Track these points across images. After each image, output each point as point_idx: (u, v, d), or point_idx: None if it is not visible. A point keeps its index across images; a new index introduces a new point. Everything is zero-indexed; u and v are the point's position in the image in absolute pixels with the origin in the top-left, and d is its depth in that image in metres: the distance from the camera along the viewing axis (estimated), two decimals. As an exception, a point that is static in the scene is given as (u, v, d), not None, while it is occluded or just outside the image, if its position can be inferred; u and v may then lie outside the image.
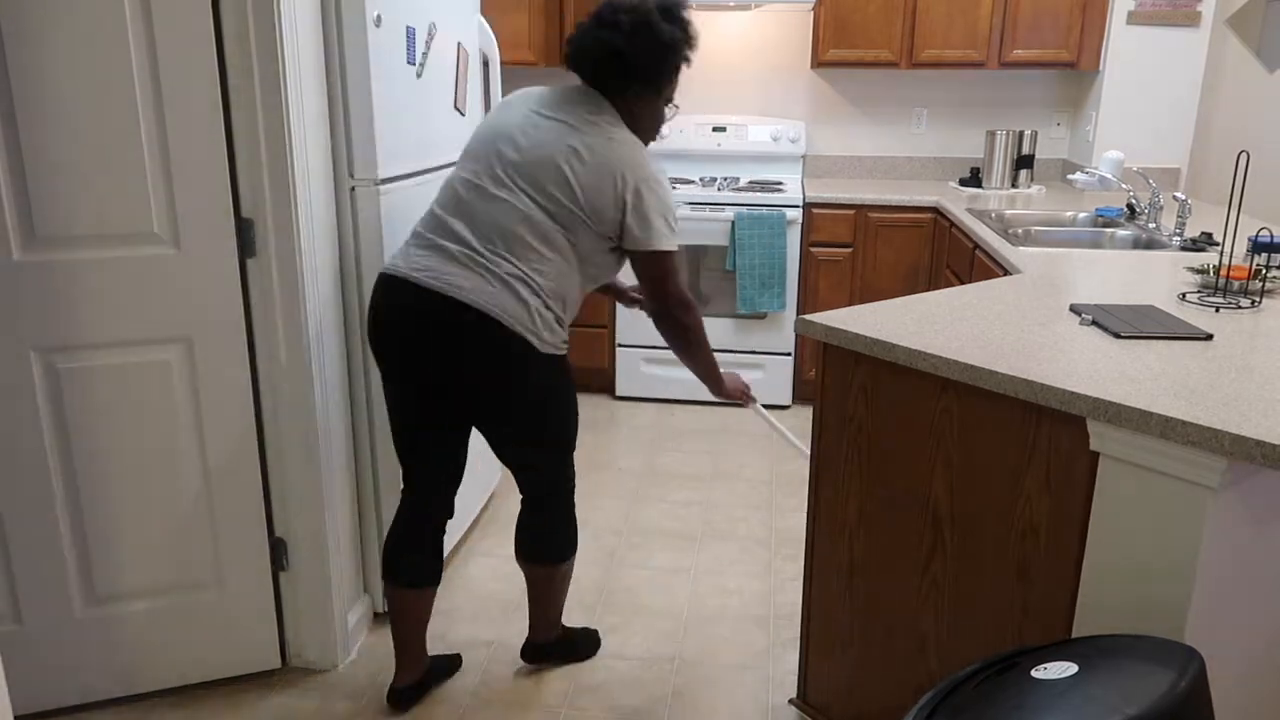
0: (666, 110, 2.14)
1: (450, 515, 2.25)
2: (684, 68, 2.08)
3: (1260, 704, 1.73)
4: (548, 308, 2.01)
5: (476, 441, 3.15)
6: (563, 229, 2.00)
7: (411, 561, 2.20)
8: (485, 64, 3.08)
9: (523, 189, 1.98)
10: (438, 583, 2.25)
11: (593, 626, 2.62)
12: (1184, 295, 2.21)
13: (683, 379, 4.33)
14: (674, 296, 2.10)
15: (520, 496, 2.27)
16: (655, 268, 2.07)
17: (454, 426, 2.14)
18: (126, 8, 1.92)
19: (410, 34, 2.44)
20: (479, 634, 2.60)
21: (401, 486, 2.22)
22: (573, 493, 2.28)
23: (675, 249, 2.07)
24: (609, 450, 3.85)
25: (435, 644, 2.54)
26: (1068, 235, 3.36)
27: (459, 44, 2.77)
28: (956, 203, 3.90)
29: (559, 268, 2.02)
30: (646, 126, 2.12)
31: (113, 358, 2.09)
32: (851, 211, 4.12)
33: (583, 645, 2.51)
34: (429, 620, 2.31)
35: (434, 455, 2.16)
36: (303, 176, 2.14)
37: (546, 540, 2.27)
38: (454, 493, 2.24)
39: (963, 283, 3.37)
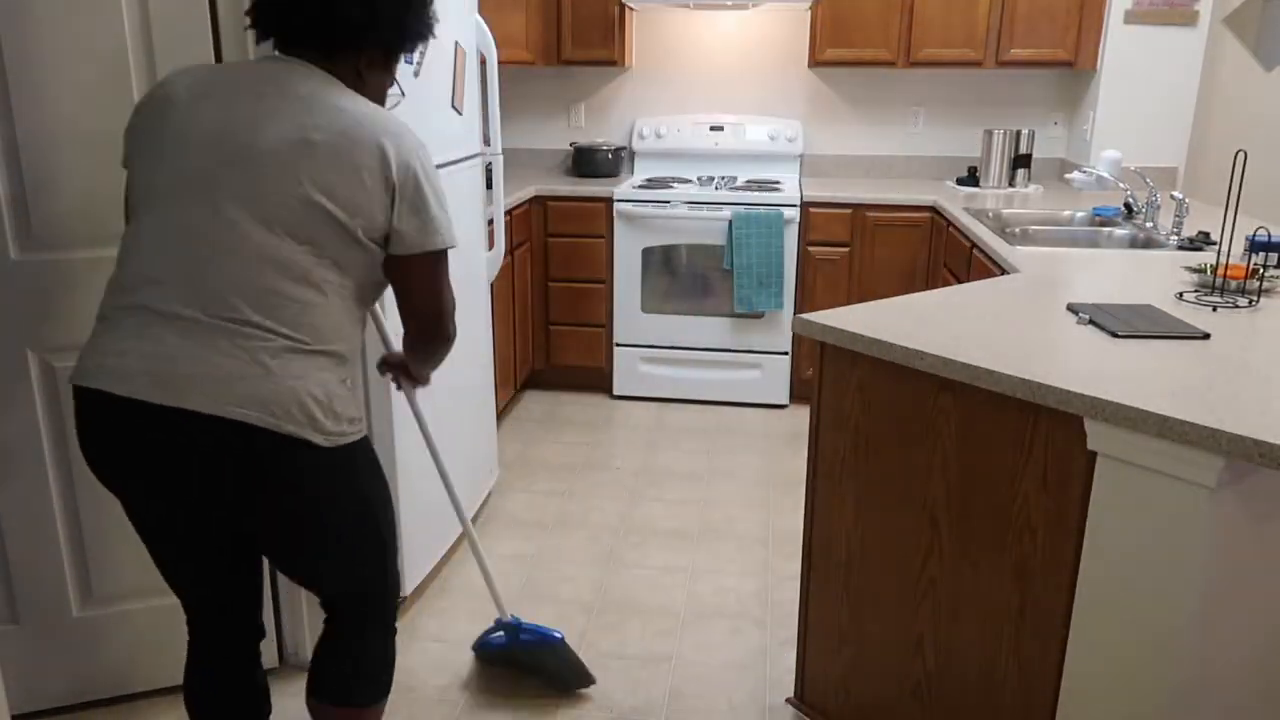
0: (391, 93, 1.67)
1: (261, 636, 1.75)
2: (421, 47, 1.66)
3: (1258, 702, 1.73)
4: (332, 377, 1.49)
5: (467, 435, 3.14)
6: (323, 257, 1.45)
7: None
8: (482, 63, 3.08)
9: (257, 217, 1.40)
10: None
11: (590, 628, 2.62)
12: (1181, 294, 2.21)
13: (681, 378, 4.33)
14: (448, 313, 1.63)
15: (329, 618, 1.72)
16: (434, 272, 1.57)
17: (228, 550, 1.63)
18: (124, 6, 1.92)
19: (407, 33, 2.44)
20: (476, 633, 2.59)
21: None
22: (396, 611, 1.73)
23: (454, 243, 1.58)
24: (606, 450, 3.85)
25: (432, 644, 2.54)
26: (1065, 234, 3.37)
27: (456, 43, 2.77)
28: (954, 202, 3.90)
29: (334, 315, 1.48)
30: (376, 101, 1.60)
31: (109, 357, 2.08)
32: (849, 211, 4.12)
33: None
34: None
35: (214, 580, 1.65)
36: (300, 175, 2.14)
37: (359, 672, 1.70)
38: (257, 612, 1.73)
39: (960, 282, 3.37)
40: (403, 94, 1.73)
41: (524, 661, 2.37)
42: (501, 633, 2.40)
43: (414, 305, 1.59)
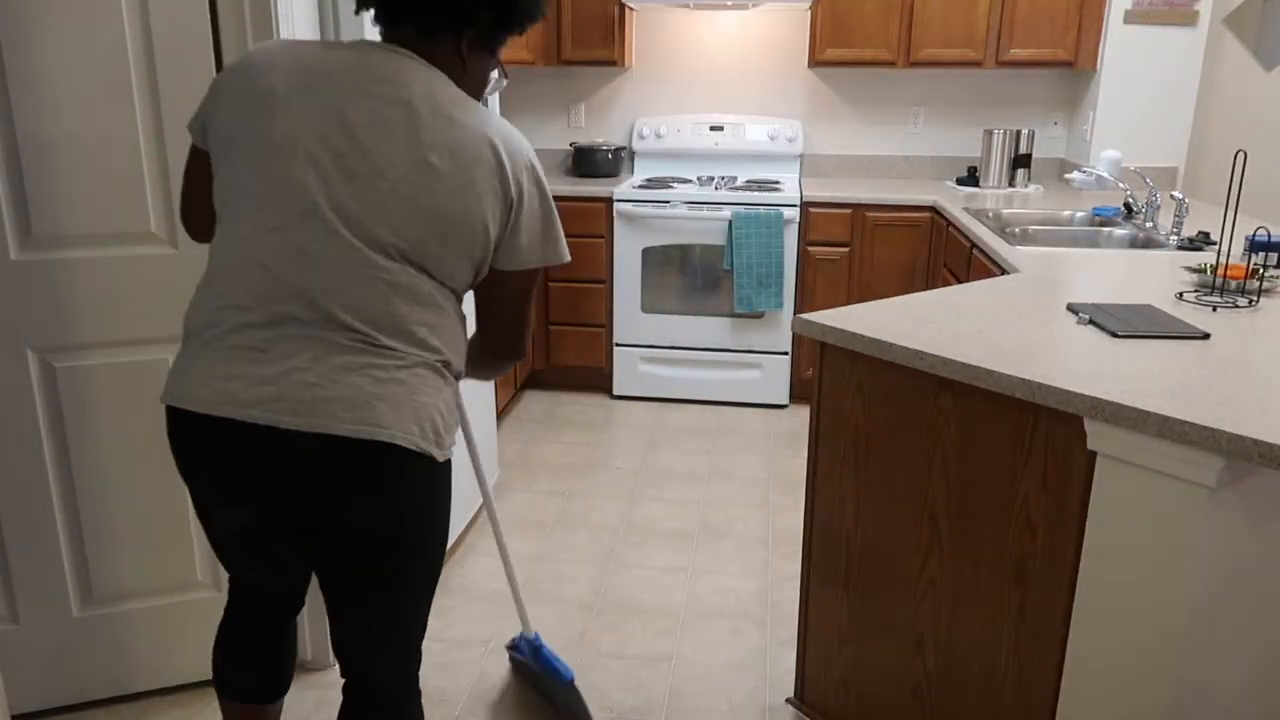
0: (496, 76, 1.57)
1: (301, 605, 1.74)
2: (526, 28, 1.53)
3: (1257, 702, 1.73)
4: (451, 393, 1.49)
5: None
6: (439, 278, 1.42)
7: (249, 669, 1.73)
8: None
9: (374, 242, 1.34)
10: (285, 692, 1.77)
11: (590, 628, 2.62)
12: (1181, 294, 2.21)
13: (681, 378, 4.33)
14: (527, 328, 1.59)
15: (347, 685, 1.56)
16: (527, 288, 1.53)
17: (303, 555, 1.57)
18: (124, 6, 1.92)
19: (407, 33, 2.44)
20: (476, 633, 2.60)
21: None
22: (417, 692, 1.59)
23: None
24: (606, 450, 3.85)
25: (433, 644, 2.55)
26: (1065, 234, 3.37)
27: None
28: (954, 202, 3.90)
29: (450, 332, 1.46)
30: (474, 93, 1.51)
31: (110, 357, 2.08)
32: (849, 211, 4.12)
33: None
34: None
35: (281, 577, 1.66)
36: (300, 175, 2.14)
37: None
38: (304, 593, 1.73)
39: (960, 282, 3.38)
40: (505, 77, 1.60)
41: (538, 685, 2.33)
42: (524, 646, 2.36)
43: (497, 319, 1.54)
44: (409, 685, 1.56)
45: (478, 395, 3.16)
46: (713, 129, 4.63)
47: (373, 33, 2.31)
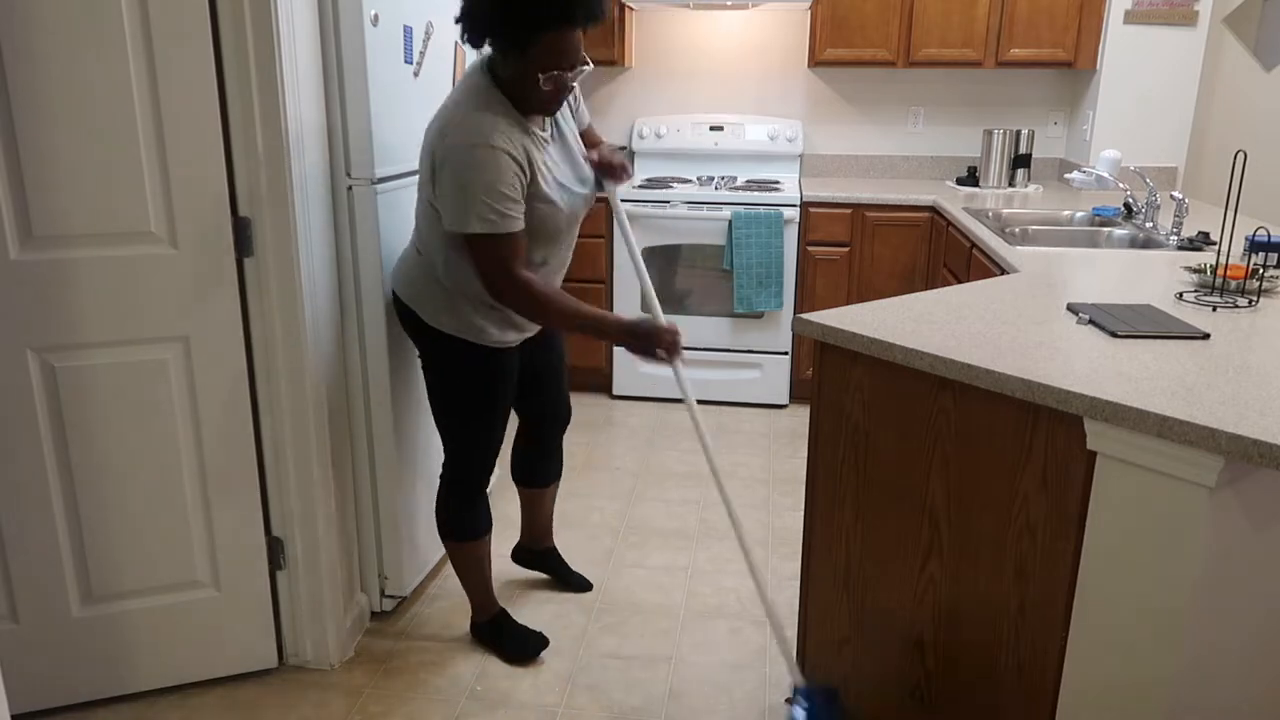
0: (543, 79, 1.96)
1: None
2: (550, 31, 1.89)
3: (1257, 702, 1.73)
4: (436, 282, 2.18)
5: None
6: (427, 216, 2.12)
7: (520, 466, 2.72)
8: (482, 63, 3.07)
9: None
10: (540, 484, 2.73)
11: (590, 628, 2.62)
12: (1181, 294, 2.21)
13: (680, 378, 4.33)
14: (492, 285, 2.05)
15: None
16: (469, 249, 2.03)
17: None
18: (124, 7, 1.92)
19: (407, 33, 2.44)
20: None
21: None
22: (456, 487, 2.38)
23: (487, 234, 1.97)
24: (606, 450, 3.85)
25: (432, 644, 2.54)
26: (1065, 234, 3.37)
27: (456, 43, 2.77)
28: (953, 202, 3.90)
29: (435, 245, 2.14)
30: (518, 95, 2.01)
31: (110, 357, 2.08)
32: (849, 211, 4.12)
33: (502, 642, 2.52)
34: (540, 509, 2.79)
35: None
36: (299, 176, 2.14)
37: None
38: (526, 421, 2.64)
39: (960, 282, 3.37)
40: (580, 66, 2.05)
41: None
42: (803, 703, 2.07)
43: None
44: (444, 473, 2.43)
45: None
46: (713, 129, 4.63)
47: (372, 32, 2.32)
